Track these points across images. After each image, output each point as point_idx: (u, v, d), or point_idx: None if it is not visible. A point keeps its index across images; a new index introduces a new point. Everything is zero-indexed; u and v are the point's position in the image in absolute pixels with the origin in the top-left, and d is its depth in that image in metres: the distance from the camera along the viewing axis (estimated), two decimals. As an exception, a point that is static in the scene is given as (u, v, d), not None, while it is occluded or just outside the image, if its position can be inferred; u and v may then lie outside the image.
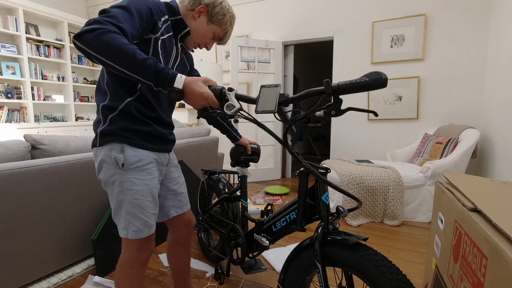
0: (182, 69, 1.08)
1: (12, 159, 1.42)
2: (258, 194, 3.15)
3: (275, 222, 1.12)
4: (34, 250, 1.42)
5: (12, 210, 1.31)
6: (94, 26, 0.70)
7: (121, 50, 0.71)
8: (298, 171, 0.99)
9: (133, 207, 0.92)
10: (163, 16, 0.93)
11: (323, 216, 0.93)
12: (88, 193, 1.64)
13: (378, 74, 0.66)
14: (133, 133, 0.92)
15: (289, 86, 4.07)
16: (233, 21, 1.06)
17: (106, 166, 0.91)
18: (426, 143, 2.75)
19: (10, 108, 4.05)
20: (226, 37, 1.07)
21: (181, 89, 0.78)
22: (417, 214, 2.36)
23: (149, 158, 0.95)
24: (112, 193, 0.93)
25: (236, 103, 0.80)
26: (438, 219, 1.18)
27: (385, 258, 0.78)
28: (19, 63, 4.09)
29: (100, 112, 0.92)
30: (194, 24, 1.00)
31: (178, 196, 1.13)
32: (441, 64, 3.02)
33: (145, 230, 0.94)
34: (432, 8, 2.99)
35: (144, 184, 0.93)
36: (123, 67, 0.73)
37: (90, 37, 0.69)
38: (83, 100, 5.06)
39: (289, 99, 0.80)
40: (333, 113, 0.72)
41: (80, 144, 1.71)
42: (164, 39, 0.93)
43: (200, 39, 1.03)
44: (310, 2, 3.55)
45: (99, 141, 0.91)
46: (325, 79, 0.74)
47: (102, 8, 5.08)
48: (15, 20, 3.98)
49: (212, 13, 0.99)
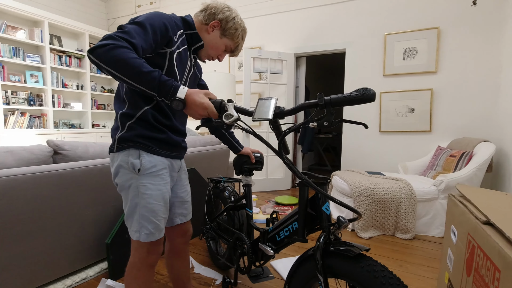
0: (194, 78, 1.13)
1: (34, 163, 1.49)
2: (268, 204, 3.15)
3: (278, 231, 1.13)
4: (50, 252, 1.47)
5: (31, 212, 1.37)
6: (106, 41, 0.76)
7: (128, 63, 0.76)
8: (298, 181, 1.00)
9: (147, 211, 0.95)
10: (179, 30, 0.98)
11: (324, 227, 0.93)
12: (102, 197, 1.69)
13: (367, 89, 0.73)
14: (149, 140, 0.96)
15: (301, 97, 4.10)
16: (245, 35, 1.11)
17: (123, 171, 0.95)
18: (439, 156, 2.72)
19: (32, 115, 4.22)
20: (238, 50, 1.12)
21: (183, 99, 0.83)
22: (430, 228, 2.31)
23: (163, 164, 0.99)
24: (127, 197, 0.97)
25: (234, 114, 0.84)
26: (451, 232, 1.16)
27: (385, 268, 0.77)
28: (42, 72, 4.29)
29: (119, 119, 0.97)
30: (208, 38, 1.05)
31: (184, 204, 1.17)
32: (455, 76, 3.00)
33: (156, 233, 0.98)
34: (445, 22, 3.00)
35: (158, 189, 0.97)
36: (130, 79, 0.79)
37: (102, 52, 0.75)
38: (99, 108, 5.23)
39: (284, 112, 0.85)
40: (325, 123, 0.76)
41: (98, 150, 1.78)
42: (180, 52, 0.99)
43: (213, 51, 1.08)
44: (323, 14, 3.61)
45: (117, 147, 0.96)
46: (319, 92, 0.79)
47: (122, 20, 5.30)
48: (41, 32, 4.20)
49: (225, 28, 1.04)
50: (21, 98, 4.10)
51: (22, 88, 4.15)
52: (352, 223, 2.38)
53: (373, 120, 3.41)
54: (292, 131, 0.85)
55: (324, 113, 0.77)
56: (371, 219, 2.30)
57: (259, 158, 1.46)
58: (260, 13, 3.99)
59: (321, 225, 0.94)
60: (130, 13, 5.21)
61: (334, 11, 3.54)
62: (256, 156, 1.45)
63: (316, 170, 5.60)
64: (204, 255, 1.92)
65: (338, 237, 0.92)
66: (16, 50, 4.01)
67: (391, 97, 3.27)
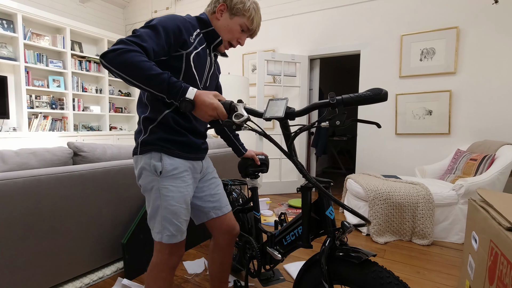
0: (214, 78, 1.12)
1: (56, 164, 1.55)
2: (281, 207, 3.14)
3: (285, 235, 1.11)
4: (70, 250, 1.52)
5: (53, 211, 1.42)
6: (117, 46, 0.78)
7: (137, 67, 0.77)
8: (300, 186, 0.98)
9: (168, 213, 0.97)
10: (195, 30, 0.98)
11: (329, 232, 0.91)
12: (120, 198, 1.73)
13: (379, 89, 0.71)
14: (170, 143, 0.98)
15: (315, 100, 4.08)
16: (257, 7, 1.04)
17: (146, 173, 0.98)
18: (459, 159, 2.63)
19: (54, 118, 4.40)
20: (254, 25, 1.05)
21: (192, 99, 0.82)
22: (449, 234, 2.23)
23: (184, 166, 1.00)
24: (150, 199, 0.99)
25: (244, 114, 0.83)
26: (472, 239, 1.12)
27: (391, 274, 0.74)
28: (64, 77, 4.46)
29: (141, 123, 1.00)
30: (219, 24, 1.02)
31: (214, 196, 1.14)
32: (475, 77, 2.90)
33: (178, 235, 0.99)
34: (465, 21, 2.91)
35: (179, 191, 0.98)
36: (139, 82, 0.79)
37: (112, 56, 0.77)
38: (117, 111, 5.38)
39: (296, 112, 0.84)
40: (337, 123, 0.75)
41: (115, 152, 1.83)
42: (198, 52, 0.98)
43: (229, 34, 1.04)
44: (336, 16, 3.59)
45: (140, 150, 0.98)
46: (330, 92, 0.78)
47: (139, 25, 5.44)
48: (63, 39, 4.37)
49: (231, 6, 1.00)
50: (44, 102, 4.28)
51: (45, 92, 4.33)
52: (367, 227, 2.33)
53: (389, 122, 3.34)
54: (303, 131, 0.84)
55: (336, 113, 0.76)
56: (387, 223, 2.25)
57: (264, 160, 1.43)
58: (274, 16, 4.01)
59: (326, 230, 0.93)
60: (147, 18, 5.35)
61: (348, 13, 3.51)
62: (261, 158, 1.43)
63: (330, 173, 5.53)
64: (217, 257, 1.93)
65: (344, 242, 0.90)
66: (40, 56, 4.20)
67: (407, 99, 3.20)
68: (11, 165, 1.38)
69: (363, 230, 2.39)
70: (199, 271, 1.74)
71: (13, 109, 4.00)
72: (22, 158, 1.43)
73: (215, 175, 1.19)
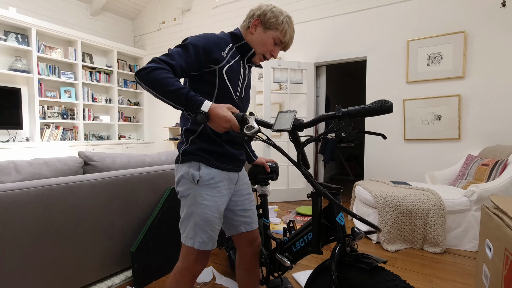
0: (247, 89, 1.17)
1: (67, 173, 1.58)
2: (289, 214, 3.11)
3: (294, 242, 1.11)
4: (80, 259, 1.54)
5: (64, 220, 1.45)
6: (148, 65, 0.89)
7: (161, 83, 0.86)
8: (310, 192, 1.00)
9: (201, 220, 1.00)
10: (227, 45, 1.04)
11: (339, 238, 0.91)
12: (129, 207, 1.75)
13: (385, 101, 0.74)
14: (208, 153, 1.03)
15: (321, 107, 4.07)
16: (290, 21, 1.08)
17: (184, 180, 1.03)
18: (470, 164, 2.57)
19: (65, 128, 4.50)
20: (287, 38, 1.08)
21: (207, 112, 0.88)
22: (462, 241, 2.17)
23: (220, 177, 1.05)
24: (185, 204, 1.04)
25: (255, 126, 0.87)
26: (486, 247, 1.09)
27: (402, 281, 0.73)
28: (75, 88, 4.58)
29: (183, 134, 1.08)
30: (253, 38, 1.08)
31: (247, 212, 1.18)
32: (485, 81, 2.86)
33: (209, 243, 1.02)
34: (472, 25, 2.89)
35: (213, 201, 1.02)
36: (163, 96, 0.88)
37: (142, 74, 0.88)
38: (126, 120, 5.47)
39: (304, 124, 0.88)
40: (344, 134, 0.78)
41: (125, 161, 1.86)
42: (232, 65, 1.04)
43: (262, 47, 1.08)
44: (342, 23, 3.61)
45: (181, 159, 1.05)
46: (336, 104, 0.80)
47: (147, 36, 5.56)
48: (74, 51, 4.51)
49: (265, 21, 1.05)
50: (56, 113, 4.39)
51: (57, 103, 4.44)
52: (377, 235, 2.29)
53: (396, 128, 3.31)
54: (310, 142, 0.86)
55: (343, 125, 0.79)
56: (397, 231, 2.21)
57: (273, 168, 1.45)
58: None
59: (336, 236, 0.92)
60: (155, 29, 5.48)
61: (354, 20, 3.52)
62: (271, 165, 1.44)
63: (338, 180, 5.48)
64: (225, 266, 1.92)
65: (354, 248, 0.90)
66: (53, 68, 4.32)
67: (415, 104, 3.17)
68: (25, 175, 1.42)
69: (373, 238, 2.35)
70: (207, 280, 1.73)
71: (26, 120, 4.11)
72: (34, 168, 1.47)
73: (250, 190, 1.22)
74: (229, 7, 4.56)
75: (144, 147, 5.46)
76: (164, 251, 1.80)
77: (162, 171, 1.92)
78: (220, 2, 4.63)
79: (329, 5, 3.69)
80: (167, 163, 2.11)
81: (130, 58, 5.64)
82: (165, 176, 1.93)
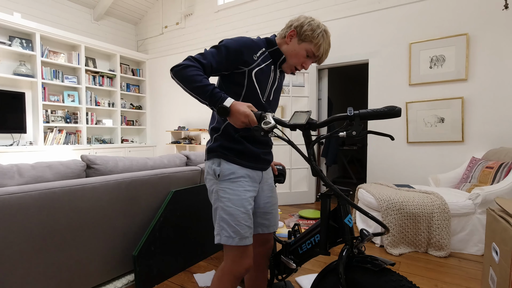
0: (277, 91, 1.20)
1: (70, 177, 1.58)
2: (292, 218, 3.10)
3: (300, 244, 1.12)
4: (83, 262, 1.53)
5: (67, 224, 1.45)
6: (182, 62, 0.97)
7: (191, 79, 0.95)
8: (320, 193, 1.01)
9: (225, 214, 1.03)
10: (260, 49, 1.08)
11: (347, 240, 0.91)
12: (131, 210, 1.75)
13: (394, 106, 0.81)
14: (228, 150, 1.07)
15: (324, 110, 4.07)
16: (326, 35, 1.08)
17: (209, 177, 1.10)
18: (474, 167, 2.55)
19: (68, 132, 4.52)
20: (321, 51, 1.08)
21: (228, 107, 0.93)
22: (467, 245, 2.15)
23: (241, 172, 1.07)
24: (212, 201, 1.09)
25: (272, 121, 0.91)
26: (492, 250, 1.08)
27: (410, 283, 0.73)
28: (78, 92, 4.61)
29: (210, 132, 1.14)
30: (287, 48, 1.11)
31: (267, 215, 1.19)
32: (488, 83, 2.84)
33: (236, 237, 1.01)
34: (474, 27, 2.88)
35: (235, 194, 1.04)
36: (191, 90, 0.96)
37: (176, 70, 0.97)
38: (128, 124, 5.49)
39: (317, 124, 0.93)
40: (354, 133, 0.82)
41: (127, 164, 1.86)
42: (262, 68, 1.08)
43: (294, 59, 1.10)
44: (344, 26, 3.61)
45: (207, 156, 1.12)
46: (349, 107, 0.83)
47: (150, 40, 5.60)
48: (78, 55, 4.55)
49: (301, 33, 1.07)
50: (59, 117, 4.42)
51: (60, 107, 4.47)
52: (381, 238, 2.27)
53: (399, 130, 3.30)
54: (322, 139, 0.90)
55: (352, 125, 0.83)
56: (401, 234, 2.19)
57: (281, 171, 1.45)
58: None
59: (344, 238, 0.92)
60: (158, 33, 5.51)
61: (356, 23, 3.53)
62: (278, 168, 1.44)
63: (341, 183, 5.45)
64: (228, 269, 1.90)
65: (361, 251, 0.90)
66: (56, 73, 4.36)
67: (418, 107, 3.16)
68: (27, 178, 1.42)
69: (376, 242, 2.33)
70: (209, 284, 1.72)
71: (30, 124, 4.14)
72: (37, 172, 1.47)
73: (274, 193, 1.23)
74: (231, 11, 4.59)
75: (147, 151, 5.47)
76: (167, 254, 1.80)
77: (165, 174, 1.92)
78: (222, 6, 4.66)
79: (330, 8, 3.70)
80: (169, 166, 2.11)
81: (133, 62, 5.68)
82: (168, 179, 1.93)
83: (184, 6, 5.05)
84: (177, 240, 1.87)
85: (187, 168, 2.12)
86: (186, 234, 1.93)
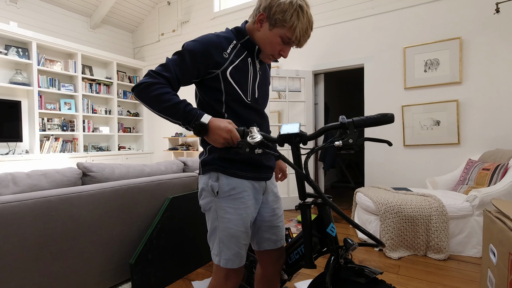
0: (263, 85, 1.05)
1: (66, 185, 1.57)
2: (290, 223, 3.09)
3: (289, 254, 1.08)
4: (79, 271, 1.51)
5: (63, 232, 1.43)
6: (143, 80, 0.85)
7: (158, 100, 0.84)
8: (298, 204, 0.93)
9: (226, 236, 0.93)
10: (230, 43, 0.94)
11: (332, 250, 0.88)
12: (128, 218, 1.73)
13: (386, 113, 0.80)
14: (226, 162, 0.94)
15: (320, 114, 4.09)
16: (302, 12, 0.88)
17: (205, 193, 0.97)
18: (471, 169, 2.57)
19: (64, 139, 4.50)
20: (297, 35, 0.90)
21: (206, 123, 0.83)
22: (465, 247, 2.14)
23: (243, 186, 0.95)
24: (209, 219, 0.97)
25: (258, 135, 0.82)
26: (490, 252, 1.08)
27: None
28: (75, 100, 4.60)
29: (201, 144, 1.01)
30: (259, 35, 0.94)
31: (273, 229, 1.06)
32: (482, 86, 2.88)
33: (236, 260, 0.94)
34: (467, 31, 2.93)
35: (237, 214, 0.93)
36: (161, 112, 0.85)
37: (137, 90, 0.86)
38: (125, 131, 5.48)
39: (308, 136, 0.86)
40: (350, 141, 0.80)
41: (123, 171, 1.85)
42: (236, 65, 0.94)
43: (269, 47, 0.95)
44: (339, 31, 3.65)
45: (201, 170, 0.99)
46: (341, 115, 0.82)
47: (147, 48, 5.61)
48: (74, 63, 4.55)
49: (270, 16, 0.90)
50: (56, 124, 4.40)
51: (57, 115, 4.46)
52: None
53: (396, 134, 3.31)
54: (317, 150, 0.85)
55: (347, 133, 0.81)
56: (400, 238, 2.18)
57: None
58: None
59: (328, 248, 0.90)
60: (154, 41, 5.54)
61: (350, 28, 3.57)
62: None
63: (339, 188, 5.45)
64: (226, 276, 1.89)
65: (349, 260, 0.87)
66: (53, 81, 4.35)
67: (414, 110, 3.18)
68: (23, 187, 1.41)
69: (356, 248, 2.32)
70: (208, 291, 1.70)
71: (26, 132, 4.12)
72: (33, 180, 1.46)
73: (279, 204, 1.11)
74: (227, 18, 4.63)
75: (144, 158, 5.45)
76: (164, 262, 1.78)
77: (162, 181, 1.91)
78: (218, 13, 4.70)
79: (326, 14, 3.75)
80: (167, 173, 2.10)
81: (130, 69, 5.69)
82: (165, 186, 1.92)
83: (180, 13, 5.09)
84: (175, 247, 1.85)
85: (184, 175, 2.11)
86: (183, 241, 1.91)
